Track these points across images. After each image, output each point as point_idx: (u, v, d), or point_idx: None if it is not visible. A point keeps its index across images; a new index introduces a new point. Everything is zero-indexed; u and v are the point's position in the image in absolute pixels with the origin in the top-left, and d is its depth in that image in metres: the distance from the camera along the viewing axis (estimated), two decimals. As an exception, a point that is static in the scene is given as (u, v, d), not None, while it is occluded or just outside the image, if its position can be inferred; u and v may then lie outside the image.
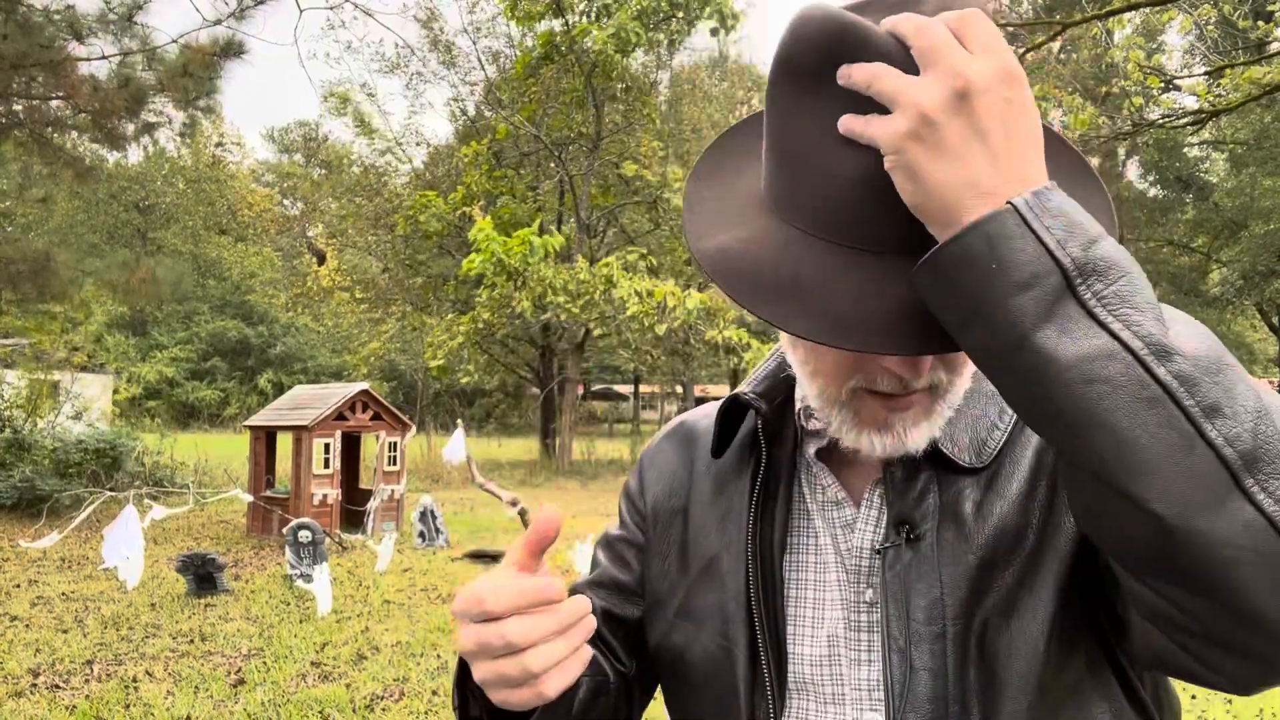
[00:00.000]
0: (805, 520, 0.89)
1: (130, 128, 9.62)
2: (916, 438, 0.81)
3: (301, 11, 8.47)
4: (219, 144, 48.46)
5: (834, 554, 0.87)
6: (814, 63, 0.68)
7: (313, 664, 5.59)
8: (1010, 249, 0.60)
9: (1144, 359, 0.58)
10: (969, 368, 0.82)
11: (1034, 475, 0.82)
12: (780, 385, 0.94)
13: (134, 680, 5.24)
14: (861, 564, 0.85)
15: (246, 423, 11.96)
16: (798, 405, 0.91)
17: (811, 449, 0.90)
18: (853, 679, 0.83)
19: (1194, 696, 5.08)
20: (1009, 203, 0.61)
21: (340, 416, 10.79)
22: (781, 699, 0.85)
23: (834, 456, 0.89)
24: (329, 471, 10.63)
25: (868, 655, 0.83)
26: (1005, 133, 0.62)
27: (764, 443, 0.91)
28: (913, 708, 0.77)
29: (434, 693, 5.09)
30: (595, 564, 1.06)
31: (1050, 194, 0.62)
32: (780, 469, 0.91)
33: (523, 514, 12.38)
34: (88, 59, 8.88)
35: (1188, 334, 0.61)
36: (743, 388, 0.95)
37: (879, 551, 0.82)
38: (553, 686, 0.71)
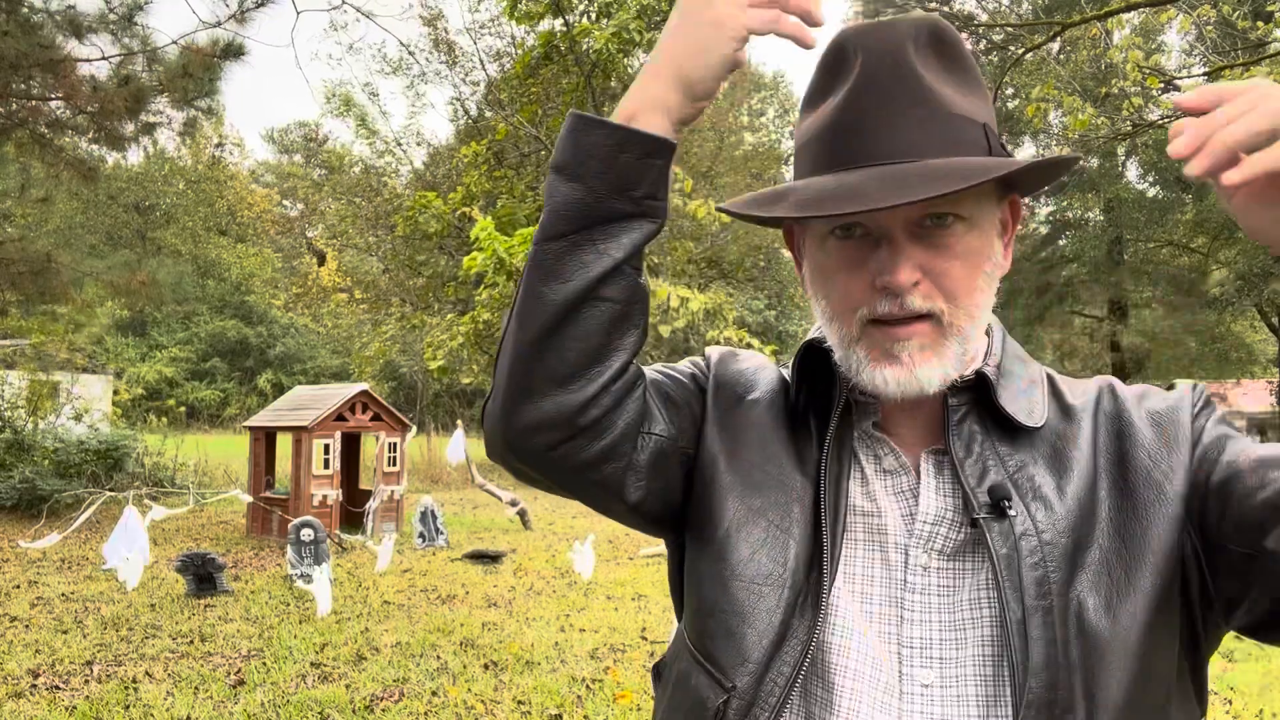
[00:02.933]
0: (864, 485, 0.94)
1: (130, 128, 9.61)
2: (926, 371, 0.87)
3: (299, 13, 8.45)
4: (219, 145, 48.43)
5: (891, 518, 0.92)
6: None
7: (312, 665, 5.59)
8: None
9: None
10: (968, 301, 0.88)
11: (1092, 470, 0.90)
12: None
13: (134, 681, 5.24)
14: (924, 529, 0.90)
15: (246, 423, 11.95)
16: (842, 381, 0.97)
17: (868, 421, 0.95)
18: (905, 637, 0.88)
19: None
20: None
21: (340, 417, 10.78)
22: (816, 623, 0.89)
23: (888, 429, 0.95)
24: (329, 472, 10.63)
25: (922, 616, 0.88)
26: None
27: (841, 389, 0.96)
28: (1033, 674, 0.82)
29: (434, 693, 5.09)
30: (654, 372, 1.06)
31: None
32: (844, 433, 0.96)
33: (522, 514, 12.38)
34: (88, 59, 8.87)
35: None
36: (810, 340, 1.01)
37: (975, 522, 0.87)
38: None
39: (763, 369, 1.06)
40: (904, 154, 0.84)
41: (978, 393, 0.92)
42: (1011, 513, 0.86)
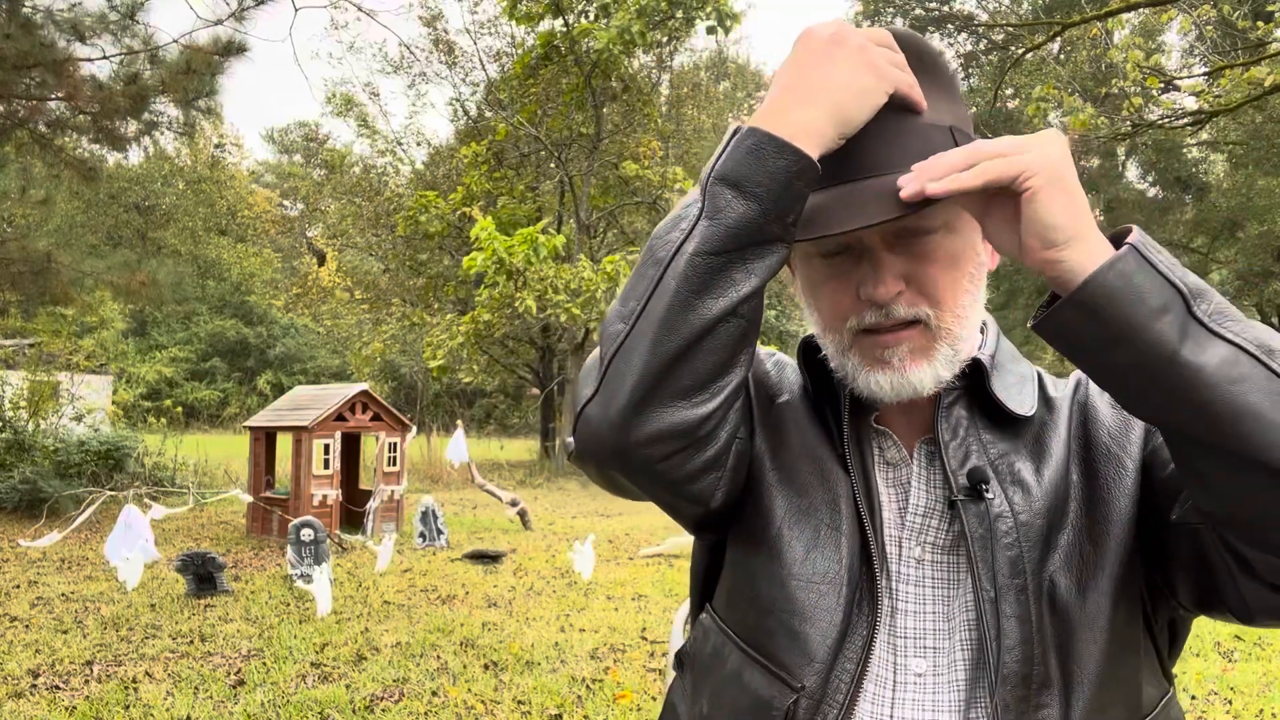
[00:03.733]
0: (871, 478, 0.97)
1: (131, 128, 9.61)
2: (918, 374, 0.90)
3: (296, 10, 8.47)
4: (218, 145, 48.43)
5: (889, 511, 0.95)
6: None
7: (312, 665, 5.59)
8: (1143, 281, 0.73)
9: (1260, 358, 0.72)
10: (954, 303, 0.91)
11: (1066, 455, 0.94)
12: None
13: (134, 681, 5.24)
14: (916, 521, 0.94)
15: (246, 423, 11.95)
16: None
17: (870, 414, 0.98)
18: (900, 628, 0.92)
19: (1193, 696, 5.07)
20: (1128, 243, 0.74)
21: (340, 417, 10.78)
22: (873, 639, 0.92)
23: (887, 421, 0.98)
24: (329, 472, 10.63)
25: (916, 607, 0.92)
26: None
27: (840, 386, 0.98)
28: (1008, 650, 0.86)
29: (434, 693, 5.09)
30: None
31: (1145, 235, 0.76)
32: (856, 427, 0.98)
33: (522, 514, 12.38)
34: (89, 59, 8.87)
35: (1265, 331, 0.75)
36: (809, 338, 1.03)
37: (952, 503, 0.90)
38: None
39: (784, 366, 1.09)
40: (872, 169, 0.86)
41: (971, 379, 0.95)
42: (989, 495, 0.89)
